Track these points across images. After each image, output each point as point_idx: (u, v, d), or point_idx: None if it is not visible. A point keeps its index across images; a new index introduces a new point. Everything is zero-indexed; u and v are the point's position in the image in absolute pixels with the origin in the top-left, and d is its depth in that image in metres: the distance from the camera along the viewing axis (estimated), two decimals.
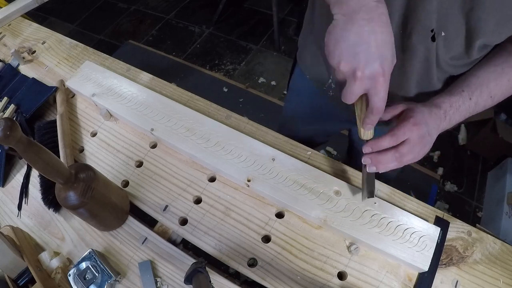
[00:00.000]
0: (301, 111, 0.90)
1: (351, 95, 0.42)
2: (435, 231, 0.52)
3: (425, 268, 0.50)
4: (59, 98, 0.74)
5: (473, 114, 0.53)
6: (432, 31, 0.49)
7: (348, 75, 0.41)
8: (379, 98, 0.41)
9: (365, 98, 0.44)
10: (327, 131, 0.99)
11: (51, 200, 0.60)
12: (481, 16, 0.44)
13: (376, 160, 0.49)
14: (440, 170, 1.70)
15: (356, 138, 0.93)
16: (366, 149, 0.50)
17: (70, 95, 0.78)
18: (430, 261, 0.50)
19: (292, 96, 0.93)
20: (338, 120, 0.85)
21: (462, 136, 1.79)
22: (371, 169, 0.50)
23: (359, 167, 0.64)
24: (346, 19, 0.40)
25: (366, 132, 0.49)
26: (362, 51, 0.39)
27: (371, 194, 0.54)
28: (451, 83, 0.56)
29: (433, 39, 0.50)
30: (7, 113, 0.73)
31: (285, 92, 1.88)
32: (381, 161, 0.49)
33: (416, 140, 0.48)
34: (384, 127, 0.59)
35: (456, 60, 0.54)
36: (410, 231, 0.52)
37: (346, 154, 1.12)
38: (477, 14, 0.44)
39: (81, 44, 0.88)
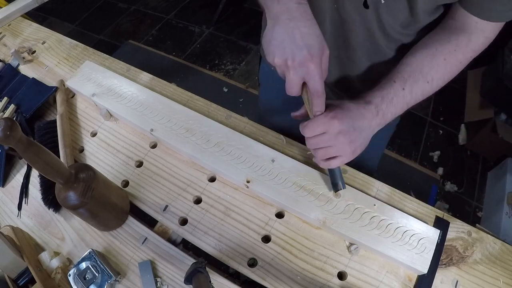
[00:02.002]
0: (274, 103, 0.89)
1: (291, 84, 0.46)
2: (435, 233, 0.52)
3: (424, 270, 0.50)
4: (59, 98, 0.74)
5: (413, 104, 0.53)
6: None
7: (283, 67, 0.45)
8: (315, 81, 0.45)
9: (308, 88, 0.47)
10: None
11: (51, 200, 0.60)
12: None
13: (307, 145, 0.52)
14: (440, 170, 1.70)
15: None
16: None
17: (70, 95, 0.78)
18: (429, 263, 0.50)
19: (263, 90, 0.93)
20: None
21: (462, 136, 1.79)
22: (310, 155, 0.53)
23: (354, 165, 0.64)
24: (273, 22, 0.45)
25: None
26: (289, 44, 0.43)
27: (335, 187, 0.54)
28: (405, 51, 0.56)
29: (366, 6, 0.50)
30: (7, 113, 0.73)
31: None
32: (308, 146, 0.52)
33: (334, 134, 0.49)
34: None
35: (405, 27, 0.54)
36: (409, 233, 0.52)
37: None
38: None
39: (81, 44, 0.88)
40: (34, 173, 0.67)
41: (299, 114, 0.54)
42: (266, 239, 0.56)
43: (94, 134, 0.71)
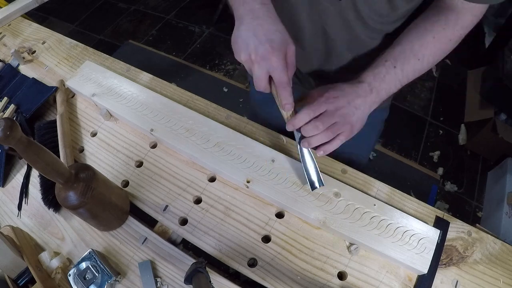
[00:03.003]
0: (263, 101, 0.87)
1: (257, 80, 0.47)
2: (435, 233, 0.52)
3: (424, 270, 0.50)
4: (59, 98, 0.74)
5: (406, 82, 0.54)
6: None
7: (248, 63, 0.47)
8: (278, 72, 0.46)
9: (273, 82, 0.48)
10: None
11: (51, 200, 0.60)
12: None
13: (304, 132, 0.50)
14: (440, 170, 1.70)
15: None
16: (288, 127, 0.51)
17: (70, 95, 0.78)
18: (429, 263, 0.50)
19: (252, 89, 0.92)
20: None
21: (462, 136, 1.79)
22: (304, 144, 0.51)
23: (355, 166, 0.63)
24: (239, 22, 0.48)
25: (287, 114, 0.51)
26: (252, 40, 0.45)
27: (312, 184, 0.54)
28: (388, 41, 0.56)
29: None
30: (7, 113, 0.73)
31: None
32: (307, 132, 0.50)
33: (334, 110, 0.49)
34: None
35: (384, 16, 0.54)
36: (409, 233, 0.52)
37: None
38: None
39: (81, 44, 0.88)
40: (34, 173, 0.67)
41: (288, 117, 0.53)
42: (266, 239, 0.56)
43: (94, 134, 0.71)
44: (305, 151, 0.54)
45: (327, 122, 0.49)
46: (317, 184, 0.54)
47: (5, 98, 0.76)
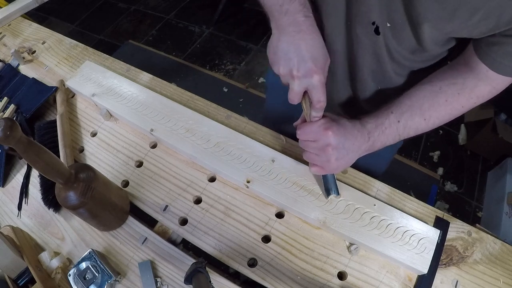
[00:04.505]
0: (279, 108, 0.88)
1: (294, 94, 0.48)
2: (435, 233, 0.52)
3: (424, 270, 0.50)
4: (59, 98, 0.74)
5: (406, 137, 0.52)
6: (373, 24, 0.48)
7: (288, 77, 0.47)
8: (318, 91, 0.47)
9: (308, 96, 0.49)
10: None
11: (51, 200, 0.60)
12: (420, 7, 0.42)
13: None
14: (440, 170, 1.70)
15: None
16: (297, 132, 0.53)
17: (70, 95, 0.78)
18: (429, 263, 0.50)
19: (269, 94, 0.92)
20: None
21: (462, 136, 1.79)
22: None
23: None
24: (279, 32, 0.47)
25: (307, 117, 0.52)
26: (295, 55, 0.45)
27: (327, 192, 0.55)
28: (416, 79, 0.55)
29: (377, 32, 0.49)
30: (7, 113, 0.73)
31: None
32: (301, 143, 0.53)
33: (323, 145, 0.49)
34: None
35: (412, 53, 0.52)
36: (409, 233, 0.52)
37: None
38: (415, 5, 0.42)
39: (81, 44, 0.88)
40: (34, 173, 0.67)
41: (300, 122, 0.54)
42: (266, 239, 0.56)
43: (94, 134, 0.71)
44: None
45: (309, 149, 0.52)
46: (332, 192, 0.54)
47: (5, 98, 0.76)
